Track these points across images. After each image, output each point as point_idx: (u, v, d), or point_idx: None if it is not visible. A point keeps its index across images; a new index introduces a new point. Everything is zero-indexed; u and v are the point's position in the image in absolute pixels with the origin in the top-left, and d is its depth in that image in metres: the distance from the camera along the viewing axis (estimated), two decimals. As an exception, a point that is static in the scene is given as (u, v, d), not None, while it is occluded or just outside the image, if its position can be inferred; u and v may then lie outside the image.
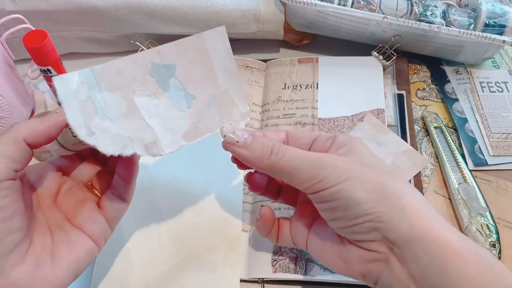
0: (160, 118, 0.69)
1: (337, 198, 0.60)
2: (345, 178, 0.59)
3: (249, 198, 0.88)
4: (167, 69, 0.69)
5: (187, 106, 0.71)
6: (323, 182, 0.60)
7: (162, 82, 0.69)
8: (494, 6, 1.02)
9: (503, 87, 1.07)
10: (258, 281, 0.80)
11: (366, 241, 0.60)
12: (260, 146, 0.66)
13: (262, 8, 1.04)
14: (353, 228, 0.60)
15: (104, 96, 0.64)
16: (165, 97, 0.69)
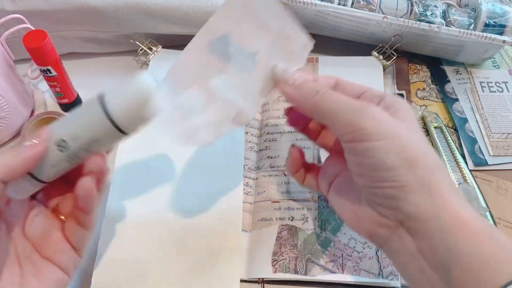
0: (235, 88, 0.70)
1: (369, 156, 0.59)
2: (384, 136, 0.58)
3: (249, 198, 0.88)
4: (222, 40, 0.70)
5: (253, 65, 0.71)
6: (361, 132, 0.59)
7: (223, 55, 0.70)
8: (494, 6, 1.02)
9: (503, 87, 1.07)
10: (258, 281, 0.80)
11: (382, 206, 0.60)
12: (306, 87, 0.66)
13: (262, 8, 1.04)
14: (374, 190, 0.60)
15: (184, 98, 0.67)
16: (231, 67, 0.71)
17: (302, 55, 0.73)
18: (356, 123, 0.59)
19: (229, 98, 0.70)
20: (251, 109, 0.72)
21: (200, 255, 0.81)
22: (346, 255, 0.79)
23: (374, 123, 0.59)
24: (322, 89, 0.64)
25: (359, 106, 0.61)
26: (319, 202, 0.85)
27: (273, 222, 0.84)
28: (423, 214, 0.56)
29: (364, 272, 0.77)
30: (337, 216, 0.83)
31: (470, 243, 0.53)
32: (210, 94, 0.69)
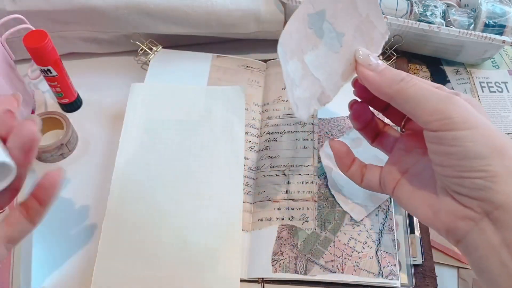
0: (322, 66, 0.70)
1: (458, 144, 0.57)
2: (473, 126, 0.57)
3: (248, 198, 0.88)
4: (319, 15, 0.69)
5: (340, 46, 0.71)
6: (449, 120, 0.58)
7: (318, 31, 0.70)
8: (494, 6, 1.02)
9: (503, 87, 1.07)
10: (258, 281, 0.80)
11: (468, 197, 0.58)
12: (391, 73, 0.66)
13: (262, 8, 1.04)
14: (462, 181, 0.58)
15: (291, 66, 0.67)
16: (321, 44, 0.70)
17: (381, 43, 0.75)
18: (444, 111, 0.59)
19: (317, 75, 0.70)
20: (333, 90, 0.72)
21: (200, 255, 0.81)
22: (346, 255, 0.79)
23: (462, 112, 0.58)
24: (408, 76, 0.64)
25: (445, 95, 0.60)
26: (319, 202, 0.85)
27: (273, 222, 0.84)
28: None
29: (364, 272, 0.77)
30: (337, 215, 0.83)
31: None
32: (305, 68, 0.69)
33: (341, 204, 0.84)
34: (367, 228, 0.82)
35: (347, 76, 0.72)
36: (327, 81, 0.71)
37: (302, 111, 0.69)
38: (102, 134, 1.00)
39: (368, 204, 0.84)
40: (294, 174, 0.89)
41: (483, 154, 0.56)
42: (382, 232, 0.81)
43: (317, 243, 0.81)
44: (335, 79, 0.72)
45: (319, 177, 0.88)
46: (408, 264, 0.79)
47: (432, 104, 0.60)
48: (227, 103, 0.99)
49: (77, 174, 0.93)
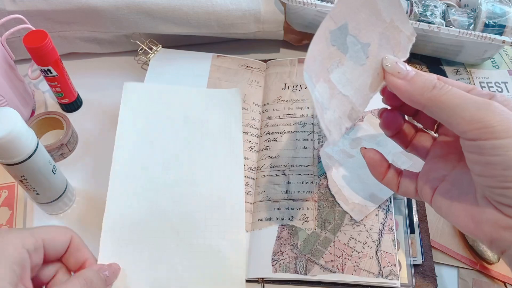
0: (349, 82, 0.68)
1: (499, 154, 0.55)
2: None
3: (249, 198, 0.89)
4: (342, 30, 0.67)
5: (365, 57, 0.69)
6: (489, 129, 0.55)
7: (341, 46, 0.68)
8: (494, 6, 1.02)
9: (503, 87, 1.07)
10: (258, 281, 0.80)
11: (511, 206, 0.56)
12: (422, 80, 0.62)
13: (262, 8, 1.04)
14: (505, 191, 0.56)
15: (318, 90, 0.65)
16: (347, 59, 0.68)
17: (407, 47, 0.72)
18: (482, 119, 0.56)
19: (345, 92, 0.68)
20: (362, 104, 0.71)
21: (204, 256, 0.81)
22: (346, 255, 0.79)
23: (502, 119, 0.55)
24: (439, 83, 0.61)
25: (483, 102, 0.57)
26: (319, 202, 0.85)
27: (273, 222, 0.84)
28: None
29: (364, 272, 0.78)
30: (337, 215, 0.83)
31: None
32: (333, 88, 0.67)
33: (341, 204, 0.84)
34: (367, 228, 0.82)
35: (376, 86, 0.70)
36: (356, 96, 0.69)
37: (334, 134, 0.67)
38: (102, 134, 1.01)
39: (368, 204, 0.84)
40: (294, 174, 0.89)
41: None
42: (382, 232, 0.81)
43: (317, 243, 0.81)
44: (364, 92, 0.70)
45: (319, 177, 0.88)
46: (408, 264, 0.79)
47: (469, 113, 0.57)
48: (224, 105, 0.99)
49: (77, 174, 0.94)
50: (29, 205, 0.90)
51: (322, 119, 0.64)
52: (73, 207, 0.91)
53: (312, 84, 0.64)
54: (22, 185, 0.79)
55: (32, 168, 0.76)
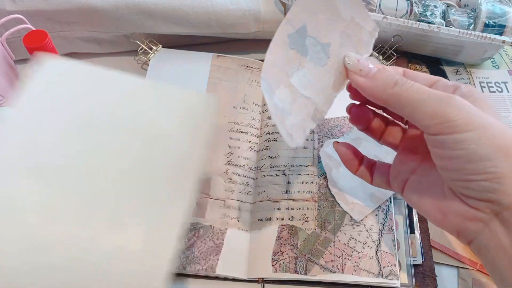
0: (311, 84, 0.68)
1: (461, 148, 0.56)
2: (474, 127, 0.55)
3: (248, 198, 0.89)
4: (300, 32, 0.67)
5: (327, 57, 0.69)
6: (450, 123, 0.56)
7: (301, 48, 0.67)
8: (494, 6, 1.02)
9: (502, 87, 1.07)
10: (258, 281, 0.80)
11: (476, 199, 0.57)
12: (384, 77, 0.63)
13: (262, 8, 1.04)
14: (468, 183, 0.57)
15: (278, 96, 0.65)
16: (307, 61, 0.68)
17: (370, 43, 0.73)
18: (444, 113, 0.57)
19: (307, 94, 0.68)
20: (326, 104, 0.70)
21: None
22: (346, 255, 0.79)
23: (462, 113, 0.56)
24: (401, 79, 0.62)
25: (443, 96, 0.58)
26: (319, 202, 0.85)
27: (273, 222, 0.85)
28: None
29: (364, 272, 0.78)
30: (337, 216, 0.84)
31: None
32: (294, 91, 0.67)
33: (341, 204, 0.84)
34: (367, 228, 0.82)
35: (339, 86, 0.71)
36: (319, 97, 0.69)
37: (297, 138, 0.66)
38: (102, 134, 0.99)
39: (368, 204, 0.84)
40: (294, 174, 0.89)
41: (488, 155, 0.55)
42: (382, 232, 0.81)
43: (317, 243, 0.81)
44: (327, 92, 0.70)
45: (319, 177, 0.89)
46: (408, 264, 0.80)
47: (431, 107, 0.58)
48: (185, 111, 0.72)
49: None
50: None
51: (282, 125, 0.64)
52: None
53: (271, 91, 0.64)
54: None
55: None
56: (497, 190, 0.54)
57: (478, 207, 0.57)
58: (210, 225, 0.84)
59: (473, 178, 0.56)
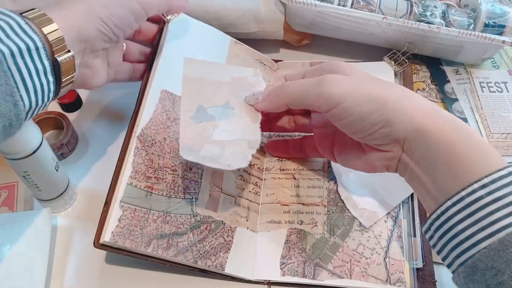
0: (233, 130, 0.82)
1: (350, 114, 0.69)
2: (350, 92, 0.69)
3: (257, 198, 0.89)
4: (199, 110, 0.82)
5: (232, 109, 0.83)
6: (331, 99, 0.70)
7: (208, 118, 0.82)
8: (494, 6, 1.03)
9: (502, 87, 1.08)
10: (264, 283, 0.80)
11: (383, 144, 0.70)
12: (272, 90, 0.81)
13: (262, 8, 1.04)
14: (371, 136, 0.70)
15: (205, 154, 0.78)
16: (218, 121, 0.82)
17: (258, 80, 0.87)
18: (322, 92, 0.71)
19: (233, 139, 0.80)
20: (255, 134, 0.81)
21: None
22: (354, 260, 0.80)
23: (336, 87, 0.70)
24: (285, 83, 0.79)
25: (316, 79, 0.73)
26: (328, 206, 0.86)
27: (282, 225, 0.85)
28: (411, 134, 0.66)
29: (372, 278, 0.78)
30: (346, 221, 0.84)
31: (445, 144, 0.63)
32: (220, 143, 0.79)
33: (350, 209, 0.85)
34: (375, 234, 0.82)
35: (256, 117, 0.83)
36: (245, 134, 0.81)
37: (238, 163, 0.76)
38: (102, 134, 1.00)
39: (378, 211, 0.84)
40: (304, 178, 0.90)
41: (371, 111, 0.68)
42: (390, 239, 0.82)
43: (325, 248, 0.81)
44: (250, 126, 0.82)
45: (329, 181, 0.89)
46: (412, 268, 0.80)
47: (313, 91, 0.73)
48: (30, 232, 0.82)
49: (77, 174, 0.93)
50: (29, 205, 0.90)
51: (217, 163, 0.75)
52: (74, 205, 0.91)
53: (195, 154, 0.76)
54: (25, 181, 0.80)
55: (35, 164, 0.76)
56: (392, 131, 0.67)
57: (389, 149, 0.70)
58: (221, 221, 0.83)
59: (373, 130, 0.69)
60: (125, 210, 0.75)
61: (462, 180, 0.60)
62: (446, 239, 0.62)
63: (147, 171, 0.80)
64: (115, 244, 0.73)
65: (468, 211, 0.58)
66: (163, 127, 0.85)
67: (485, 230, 0.57)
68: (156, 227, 0.77)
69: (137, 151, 0.81)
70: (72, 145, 0.96)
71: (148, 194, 0.79)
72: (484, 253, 0.56)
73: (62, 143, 0.92)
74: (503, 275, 0.54)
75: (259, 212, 0.88)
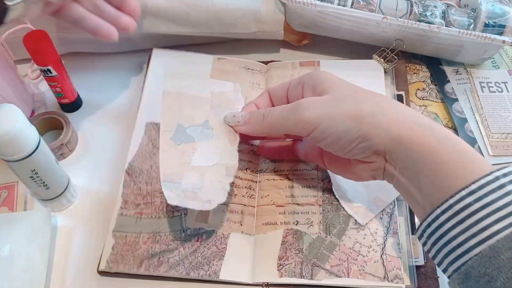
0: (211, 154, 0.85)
1: (327, 135, 0.72)
2: (325, 116, 0.72)
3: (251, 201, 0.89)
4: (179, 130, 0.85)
5: (211, 129, 0.86)
6: (308, 124, 0.73)
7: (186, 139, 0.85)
8: (494, 6, 1.02)
9: (502, 87, 1.07)
10: (263, 285, 0.80)
11: (366, 157, 0.72)
12: (254, 118, 0.82)
13: (262, 8, 1.04)
14: (352, 152, 0.72)
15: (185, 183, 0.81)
16: (198, 143, 0.85)
17: (238, 97, 0.91)
18: (299, 120, 0.74)
19: (212, 164, 0.83)
20: (233, 159, 0.84)
21: None
22: (352, 259, 0.80)
23: (312, 110, 0.73)
24: (266, 111, 0.81)
25: (293, 106, 0.77)
26: (323, 206, 0.86)
27: (278, 226, 0.84)
28: (389, 146, 0.69)
29: (369, 276, 0.78)
30: (341, 219, 0.84)
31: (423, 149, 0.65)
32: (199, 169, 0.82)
33: (345, 208, 0.85)
34: (372, 232, 0.82)
35: (234, 140, 0.85)
36: (223, 157, 0.84)
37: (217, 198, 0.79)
38: (102, 134, 1.00)
39: (373, 208, 0.84)
40: (298, 178, 0.89)
41: (347, 127, 0.70)
42: (387, 236, 0.82)
43: (322, 247, 0.81)
44: (228, 150, 0.84)
45: (323, 180, 0.89)
46: (411, 266, 0.80)
47: (291, 119, 0.76)
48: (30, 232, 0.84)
49: (77, 174, 0.93)
50: (29, 205, 0.90)
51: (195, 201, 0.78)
52: (75, 205, 0.91)
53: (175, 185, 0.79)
54: (32, 182, 0.80)
55: (40, 160, 0.77)
56: (371, 145, 0.70)
57: (372, 160, 0.73)
58: (213, 230, 0.84)
59: (352, 147, 0.72)
60: (118, 238, 0.83)
61: (447, 187, 0.61)
62: (439, 245, 0.63)
63: (136, 199, 0.87)
64: (110, 270, 0.80)
65: (457, 219, 0.60)
66: (149, 155, 0.93)
67: (476, 237, 0.58)
68: (147, 248, 0.83)
69: (126, 183, 0.89)
70: (72, 145, 0.96)
71: (138, 219, 0.86)
72: (476, 260, 0.57)
73: (62, 143, 0.93)
74: (496, 282, 0.55)
75: (255, 215, 0.87)
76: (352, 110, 0.71)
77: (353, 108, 0.71)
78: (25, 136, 0.72)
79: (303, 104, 0.75)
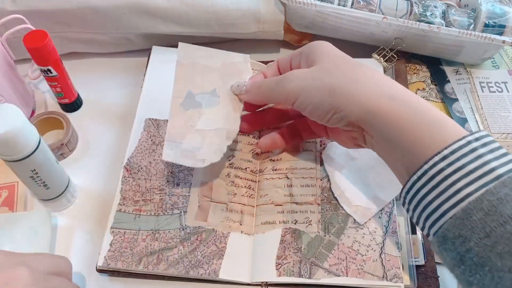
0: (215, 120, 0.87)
1: (306, 106, 0.77)
2: (304, 89, 0.76)
3: (251, 201, 0.89)
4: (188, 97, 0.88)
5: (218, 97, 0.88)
6: (290, 95, 0.78)
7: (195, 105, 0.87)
8: (494, 6, 1.02)
9: (502, 87, 1.07)
10: (262, 285, 0.80)
11: (344, 126, 0.75)
12: (252, 87, 0.86)
13: (262, 8, 1.04)
14: (330, 121, 0.76)
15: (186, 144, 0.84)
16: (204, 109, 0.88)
17: (247, 67, 0.93)
18: (283, 91, 0.79)
19: (215, 128, 0.86)
20: (234, 124, 0.87)
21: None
22: (350, 258, 0.80)
23: (294, 82, 0.78)
24: (261, 81, 0.86)
25: (279, 78, 0.81)
26: (322, 205, 0.86)
27: (277, 225, 0.84)
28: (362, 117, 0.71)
29: (368, 275, 0.78)
30: (340, 218, 0.84)
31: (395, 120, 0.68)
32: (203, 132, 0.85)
33: (344, 207, 0.85)
34: (370, 231, 0.82)
35: (238, 107, 0.89)
36: (226, 123, 0.87)
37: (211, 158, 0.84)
38: (102, 134, 1.01)
39: (371, 207, 0.84)
40: (297, 177, 0.89)
41: (322, 100, 0.74)
42: (385, 235, 0.82)
43: (321, 246, 0.81)
44: (231, 116, 0.88)
45: (321, 179, 0.89)
46: (410, 265, 0.80)
47: (277, 89, 0.81)
48: (30, 232, 0.84)
49: (77, 174, 0.93)
50: (29, 205, 0.90)
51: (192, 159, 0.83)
52: (75, 204, 0.91)
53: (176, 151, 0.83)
54: (33, 182, 0.80)
55: (40, 160, 0.77)
56: (344, 115, 0.73)
57: (351, 129, 0.76)
58: (212, 229, 0.84)
59: (328, 117, 0.75)
60: (116, 235, 0.83)
61: (422, 154, 0.64)
62: (418, 211, 0.66)
63: (135, 196, 0.88)
64: (108, 267, 0.80)
65: (432, 184, 0.63)
66: (148, 152, 0.93)
67: (450, 200, 0.61)
68: (146, 245, 0.83)
69: (124, 179, 0.90)
70: (72, 145, 0.97)
71: (136, 216, 0.86)
72: (450, 222, 0.60)
73: (62, 143, 0.93)
74: (469, 242, 0.58)
75: (254, 214, 0.87)
76: (327, 83, 0.74)
77: (328, 81, 0.74)
78: (25, 136, 0.72)
79: (288, 77, 0.79)
